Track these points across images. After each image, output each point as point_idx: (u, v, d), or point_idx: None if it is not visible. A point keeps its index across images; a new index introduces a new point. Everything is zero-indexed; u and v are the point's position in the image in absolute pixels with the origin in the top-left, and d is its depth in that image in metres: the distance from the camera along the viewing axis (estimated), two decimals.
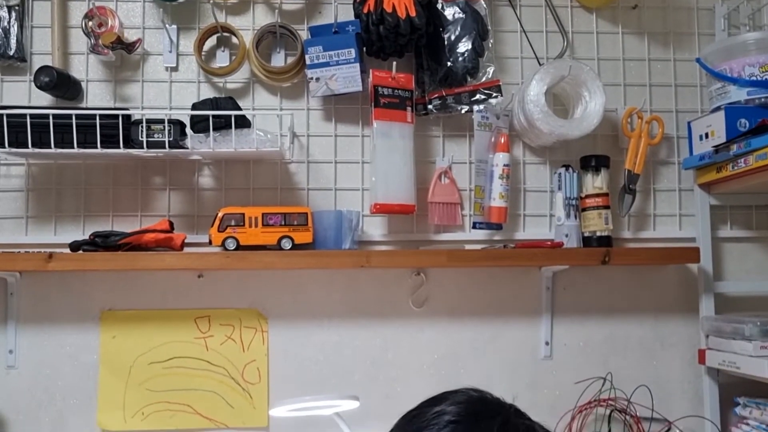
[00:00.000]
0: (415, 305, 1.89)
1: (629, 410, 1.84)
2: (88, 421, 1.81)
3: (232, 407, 1.84)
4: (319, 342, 1.87)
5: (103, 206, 1.84)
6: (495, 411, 0.92)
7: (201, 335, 1.85)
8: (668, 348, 1.94)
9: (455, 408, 0.92)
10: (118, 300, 1.84)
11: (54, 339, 1.83)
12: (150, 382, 1.83)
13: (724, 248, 1.96)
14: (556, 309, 1.92)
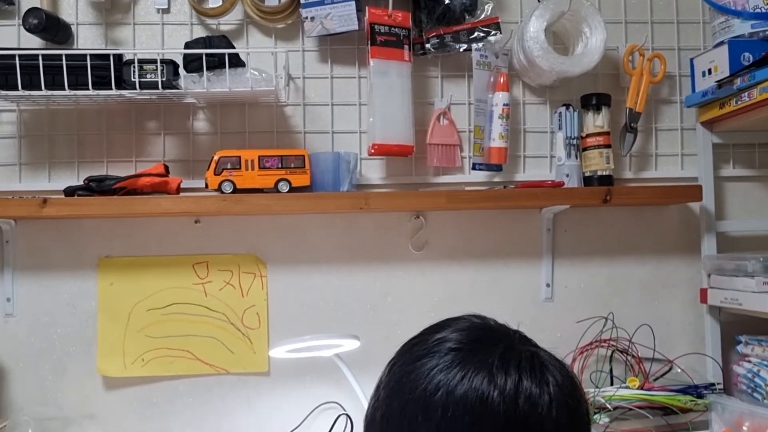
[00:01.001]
0: (415, 249, 1.87)
1: (630, 350, 1.83)
2: (88, 368, 1.80)
3: (232, 353, 1.83)
4: (318, 286, 1.86)
5: (97, 152, 1.82)
6: (498, 337, 0.91)
7: (199, 281, 1.83)
8: (669, 288, 1.93)
9: (457, 335, 0.90)
10: (115, 247, 1.82)
11: (51, 287, 1.81)
12: (149, 329, 1.82)
13: (726, 188, 1.94)
14: (557, 251, 1.91)
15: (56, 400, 1.78)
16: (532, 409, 0.83)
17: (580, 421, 0.89)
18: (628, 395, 1.67)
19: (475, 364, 0.85)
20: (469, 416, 0.82)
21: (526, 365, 0.86)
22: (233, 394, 1.83)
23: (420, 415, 0.84)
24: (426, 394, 0.84)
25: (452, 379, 0.84)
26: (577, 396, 0.89)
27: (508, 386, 0.83)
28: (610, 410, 1.65)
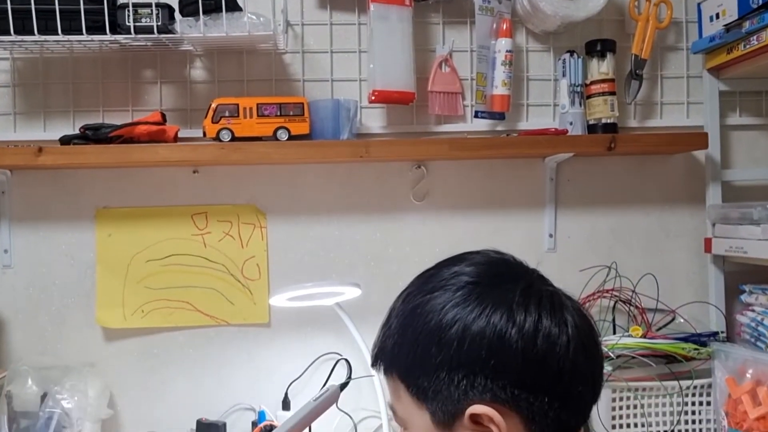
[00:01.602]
0: (416, 199, 1.85)
1: (634, 301, 1.82)
2: (87, 320, 1.79)
3: (233, 304, 1.82)
4: (318, 237, 1.84)
5: (92, 101, 1.79)
6: (518, 274, 0.89)
7: (198, 232, 1.81)
8: (673, 239, 1.91)
9: (474, 269, 0.88)
10: (113, 197, 1.80)
11: (49, 238, 1.80)
12: (148, 280, 1.80)
13: (732, 136, 1.91)
14: (560, 201, 1.88)
15: (56, 350, 1.77)
16: (550, 348, 0.82)
17: (596, 363, 0.88)
18: (630, 344, 1.66)
19: (494, 300, 0.83)
20: (485, 351, 0.81)
21: (546, 304, 0.84)
22: (233, 345, 1.82)
23: (434, 347, 0.82)
24: (441, 327, 0.82)
25: (469, 314, 0.82)
26: (593, 337, 0.88)
27: (527, 324, 0.81)
28: (613, 359, 1.64)
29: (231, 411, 1.80)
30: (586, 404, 0.86)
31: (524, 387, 0.80)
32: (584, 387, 0.84)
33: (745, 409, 1.55)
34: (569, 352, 0.82)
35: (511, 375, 0.80)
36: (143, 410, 1.80)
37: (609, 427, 1.65)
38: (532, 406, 0.81)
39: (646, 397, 1.66)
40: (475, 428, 0.82)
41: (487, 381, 0.80)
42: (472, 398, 0.81)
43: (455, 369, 0.81)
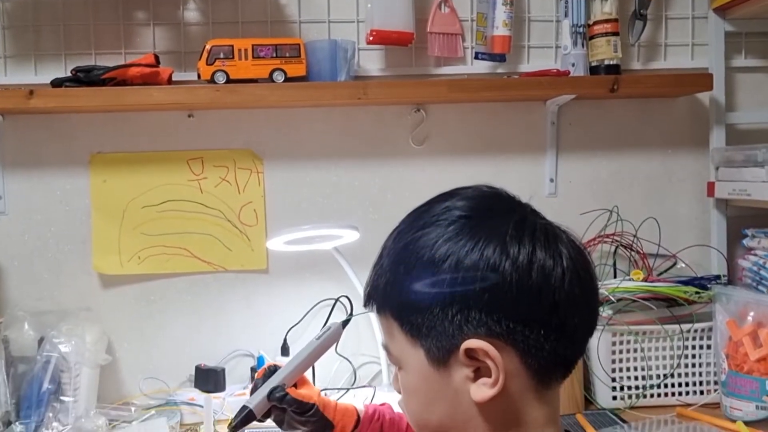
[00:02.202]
0: (415, 143, 1.82)
1: (635, 246, 1.80)
2: (83, 266, 1.77)
3: (230, 250, 1.80)
4: (316, 182, 1.82)
5: (84, 44, 1.75)
6: (511, 207, 0.86)
7: (194, 177, 1.79)
8: (676, 183, 1.89)
9: (466, 203, 0.85)
10: (107, 142, 1.77)
11: (43, 184, 1.77)
12: (144, 226, 1.78)
13: (737, 78, 1.88)
14: (561, 145, 1.85)
15: (53, 297, 1.76)
16: (545, 281, 0.79)
17: (592, 294, 0.86)
18: (632, 287, 1.64)
19: (487, 233, 0.80)
20: (479, 285, 0.79)
21: (540, 236, 0.82)
22: (231, 291, 1.81)
23: (427, 283, 0.80)
24: (434, 262, 0.80)
25: (462, 248, 0.80)
26: (589, 269, 0.86)
27: (521, 257, 0.79)
28: (614, 302, 1.63)
29: (230, 357, 1.79)
30: (583, 336, 0.84)
31: (519, 320, 0.78)
32: (580, 318, 0.82)
33: (746, 351, 1.54)
34: (564, 284, 0.80)
35: (505, 308, 0.78)
36: (141, 357, 1.79)
37: (609, 371, 1.64)
38: (527, 339, 0.79)
39: (647, 340, 1.65)
40: (471, 363, 0.80)
41: (481, 315, 0.78)
42: (467, 333, 0.79)
43: (449, 304, 0.79)
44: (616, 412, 1.64)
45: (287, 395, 1.11)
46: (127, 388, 1.78)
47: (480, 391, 0.80)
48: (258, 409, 1.10)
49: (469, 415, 0.82)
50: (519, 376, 0.81)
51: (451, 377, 0.81)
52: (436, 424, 0.86)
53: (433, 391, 0.84)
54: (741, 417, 1.53)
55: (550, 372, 0.82)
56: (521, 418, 0.83)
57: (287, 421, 1.13)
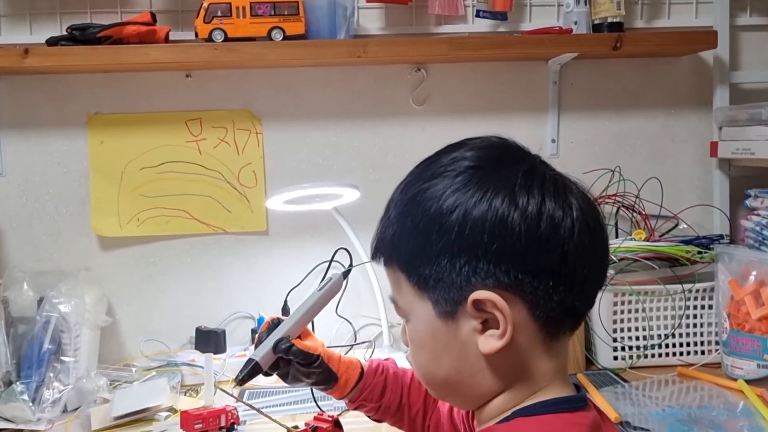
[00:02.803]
0: (416, 103, 1.80)
1: (637, 206, 1.79)
2: (82, 228, 1.77)
3: (229, 212, 1.79)
4: (316, 143, 1.80)
5: (79, 2, 1.73)
6: (520, 157, 0.84)
7: (193, 138, 1.77)
8: (679, 144, 1.87)
9: (475, 153, 0.83)
10: (104, 103, 1.76)
11: (41, 146, 1.76)
12: (143, 188, 1.77)
13: (741, 37, 1.85)
14: (563, 105, 1.84)
15: (52, 259, 1.76)
16: (554, 231, 0.78)
17: (602, 245, 0.85)
18: (634, 247, 1.64)
19: (496, 184, 0.79)
20: (487, 235, 0.77)
21: (550, 186, 0.80)
22: (231, 253, 1.80)
23: (434, 234, 0.79)
24: (441, 213, 0.79)
25: (470, 199, 0.78)
26: (599, 220, 0.84)
27: (530, 207, 0.78)
28: (615, 262, 1.62)
29: (230, 319, 1.79)
30: (592, 288, 0.83)
31: (528, 271, 0.77)
32: (590, 270, 0.81)
33: (748, 311, 1.54)
34: (574, 234, 0.79)
35: (514, 259, 0.77)
36: (142, 319, 1.79)
37: (610, 331, 1.64)
38: (536, 290, 0.78)
39: (648, 300, 1.65)
40: (479, 315, 0.79)
41: (489, 266, 0.77)
42: (475, 284, 0.78)
43: (457, 255, 0.78)
44: (617, 371, 1.64)
45: (293, 346, 1.10)
46: (128, 350, 1.78)
47: (488, 343, 0.79)
48: (264, 362, 1.09)
49: (477, 367, 0.81)
50: (527, 327, 0.80)
51: (459, 329, 0.81)
52: (443, 377, 0.85)
53: (440, 343, 0.83)
54: (742, 376, 1.53)
55: (559, 324, 0.81)
56: (529, 371, 0.82)
57: (292, 373, 1.13)
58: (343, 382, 1.15)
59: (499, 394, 0.84)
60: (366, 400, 1.17)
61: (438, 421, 1.19)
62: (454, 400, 0.92)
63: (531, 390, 0.83)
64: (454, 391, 0.86)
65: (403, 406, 1.19)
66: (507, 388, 0.83)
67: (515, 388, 0.83)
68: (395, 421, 1.22)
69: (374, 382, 1.17)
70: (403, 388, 1.19)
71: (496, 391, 0.83)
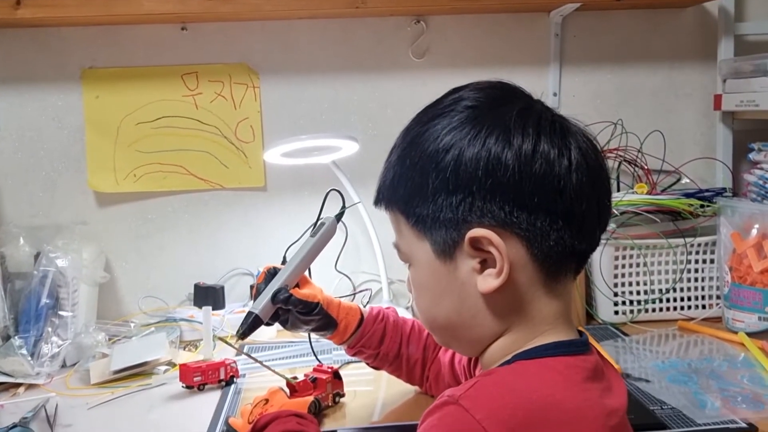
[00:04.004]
0: (416, 56, 1.78)
1: (639, 161, 1.77)
2: (79, 184, 1.75)
3: (227, 167, 1.77)
4: (314, 98, 1.78)
5: None
6: (518, 98, 0.85)
7: (189, 93, 1.75)
8: (682, 98, 1.85)
9: (475, 93, 0.84)
10: (99, 57, 1.73)
11: (35, 101, 1.73)
12: (139, 143, 1.75)
13: None
14: (565, 58, 1.81)
15: (48, 215, 1.74)
16: (549, 170, 0.78)
17: (601, 185, 0.84)
18: (636, 200, 1.62)
19: (490, 122, 0.79)
20: (481, 173, 0.78)
21: (546, 126, 0.80)
22: (229, 209, 1.79)
23: (431, 173, 0.80)
24: (438, 151, 0.80)
25: (464, 138, 0.79)
26: (599, 160, 0.84)
27: (524, 146, 0.78)
28: (617, 215, 1.60)
29: (229, 275, 1.79)
30: (592, 227, 0.82)
31: (523, 207, 0.77)
32: (588, 208, 0.80)
33: (750, 263, 1.52)
34: (571, 173, 0.78)
35: (508, 195, 0.77)
36: (140, 275, 1.78)
37: (611, 285, 1.63)
38: (533, 227, 0.78)
39: (649, 255, 1.63)
40: (476, 254, 0.79)
41: (484, 203, 0.77)
42: (471, 222, 0.78)
43: (452, 193, 0.78)
44: (617, 326, 1.63)
45: (291, 296, 1.10)
46: (126, 306, 1.77)
47: (486, 282, 0.79)
48: (264, 314, 1.09)
49: (476, 308, 0.82)
50: (525, 267, 0.79)
51: (458, 270, 0.81)
52: (444, 319, 0.85)
53: (440, 285, 0.83)
54: (743, 329, 1.52)
55: (559, 264, 0.80)
56: (529, 312, 0.81)
57: (292, 321, 1.13)
58: (343, 327, 1.15)
59: (499, 336, 0.83)
60: (365, 347, 1.17)
61: (438, 372, 1.19)
62: (457, 346, 0.91)
63: (532, 333, 0.82)
64: (455, 334, 0.86)
65: (401, 355, 1.19)
66: (507, 331, 0.83)
67: (516, 331, 0.83)
68: (393, 370, 1.22)
69: (373, 329, 1.17)
70: (402, 337, 1.19)
71: (496, 333, 0.83)
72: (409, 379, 1.23)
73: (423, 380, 1.22)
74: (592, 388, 0.80)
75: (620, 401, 0.83)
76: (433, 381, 1.21)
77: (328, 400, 1.20)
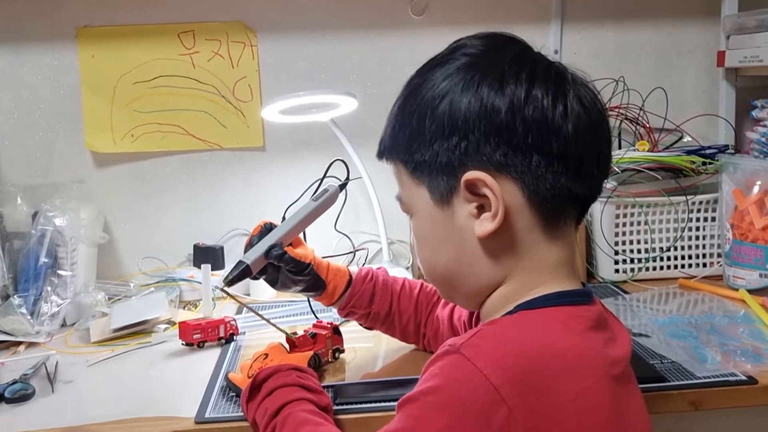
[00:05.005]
0: (415, 13, 1.75)
1: (641, 119, 1.76)
2: (76, 145, 1.74)
3: (225, 127, 1.76)
4: (312, 56, 1.76)
5: None
6: (516, 46, 0.85)
7: (186, 51, 1.73)
8: (685, 55, 1.83)
9: (474, 41, 0.86)
10: (94, 15, 1.71)
11: (30, 60, 1.71)
12: (136, 103, 1.73)
13: None
14: (567, 15, 1.78)
15: (46, 176, 1.73)
16: (542, 114, 0.79)
17: (600, 130, 0.83)
18: (637, 157, 1.61)
19: (485, 69, 0.81)
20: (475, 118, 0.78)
21: (541, 72, 0.81)
22: (228, 170, 1.78)
23: (427, 119, 0.81)
24: (434, 98, 0.81)
25: (458, 85, 0.80)
26: (599, 109, 0.84)
27: (517, 92, 0.79)
28: (618, 173, 1.59)
29: (228, 236, 1.78)
30: (589, 171, 0.82)
31: (517, 149, 0.78)
32: (586, 150, 0.80)
33: (752, 220, 1.51)
34: (567, 118, 0.79)
35: (502, 137, 0.78)
36: (139, 236, 1.77)
37: (612, 243, 1.62)
38: (528, 169, 0.78)
39: (650, 213, 1.62)
40: (473, 198, 0.80)
41: (479, 146, 0.78)
42: (467, 165, 0.79)
43: (448, 137, 0.80)
44: (617, 284, 1.63)
45: (285, 254, 1.10)
46: (126, 267, 1.77)
47: (482, 227, 0.80)
48: (255, 265, 1.08)
49: (475, 255, 0.82)
50: (522, 211, 0.80)
51: (455, 216, 0.82)
52: (443, 269, 0.86)
53: (439, 233, 0.84)
54: (744, 285, 1.52)
55: (558, 209, 0.81)
56: (529, 259, 0.81)
57: (281, 280, 1.13)
58: (331, 288, 1.15)
59: (499, 286, 0.84)
60: (355, 307, 1.18)
61: (437, 329, 1.19)
62: (459, 298, 0.91)
63: (533, 283, 0.82)
64: (456, 284, 0.86)
65: (393, 314, 1.19)
66: (507, 279, 0.83)
67: (516, 280, 0.82)
68: (387, 329, 1.22)
69: (362, 289, 1.17)
70: (393, 296, 1.19)
71: (496, 281, 0.83)
72: (404, 337, 1.23)
73: (419, 338, 1.22)
74: (595, 338, 0.80)
75: (624, 351, 0.83)
76: (432, 338, 1.21)
77: (327, 356, 1.20)
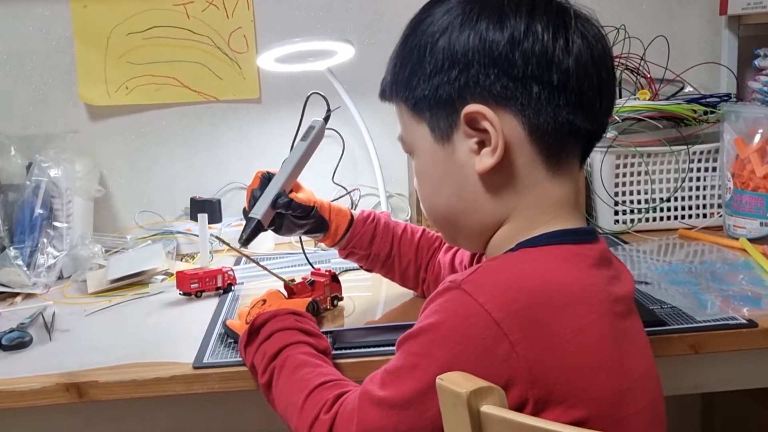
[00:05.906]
0: None
1: (642, 69, 1.73)
2: (70, 98, 1.72)
3: (221, 78, 1.73)
4: (307, 5, 1.73)
5: None
6: None
7: (180, 2, 1.70)
8: (686, 4, 1.80)
9: None
10: None
11: (21, 12, 1.69)
12: (130, 55, 1.71)
13: None
14: None
15: (40, 128, 1.70)
16: (541, 48, 0.77)
17: (602, 62, 0.82)
18: (638, 106, 1.59)
19: (483, 3, 0.80)
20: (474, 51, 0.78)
21: (541, 7, 0.79)
22: (224, 122, 1.76)
23: (427, 54, 0.81)
24: (434, 33, 0.80)
25: (457, 18, 0.80)
26: (602, 45, 0.83)
27: (516, 25, 0.78)
28: (619, 122, 1.57)
29: (225, 189, 1.77)
30: (591, 105, 0.80)
31: (517, 80, 0.77)
32: (588, 84, 0.79)
33: (753, 169, 1.50)
34: (568, 50, 0.79)
35: (501, 69, 0.77)
36: (136, 190, 1.76)
37: (612, 194, 1.61)
38: (528, 101, 0.77)
39: (651, 162, 1.61)
40: (473, 134, 0.80)
41: (478, 77, 0.78)
42: (466, 98, 0.79)
43: (448, 71, 0.79)
44: (617, 234, 1.62)
45: (292, 201, 1.09)
46: (122, 221, 1.76)
47: (482, 162, 0.79)
48: (265, 219, 1.08)
49: (476, 192, 0.81)
50: (523, 146, 0.79)
51: (456, 152, 0.81)
52: (445, 207, 0.86)
53: (440, 170, 0.84)
54: (744, 234, 1.51)
55: (560, 143, 0.80)
56: (531, 195, 0.81)
57: (286, 225, 1.12)
58: (334, 229, 1.15)
59: (501, 225, 0.83)
60: (355, 248, 1.17)
61: (438, 275, 1.19)
62: (461, 239, 0.91)
63: (536, 221, 0.81)
64: (458, 224, 0.86)
65: (393, 256, 1.19)
66: (510, 218, 0.82)
67: (518, 219, 0.82)
68: (386, 272, 1.22)
69: (363, 230, 1.16)
70: (394, 238, 1.19)
71: (498, 219, 0.82)
72: (403, 281, 1.23)
73: (418, 282, 1.22)
74: (599, 275, 0.79)
75: (627, 289, 0.83)
76: (432, 283, 1.20)
77: (326, 303, 1.19)
